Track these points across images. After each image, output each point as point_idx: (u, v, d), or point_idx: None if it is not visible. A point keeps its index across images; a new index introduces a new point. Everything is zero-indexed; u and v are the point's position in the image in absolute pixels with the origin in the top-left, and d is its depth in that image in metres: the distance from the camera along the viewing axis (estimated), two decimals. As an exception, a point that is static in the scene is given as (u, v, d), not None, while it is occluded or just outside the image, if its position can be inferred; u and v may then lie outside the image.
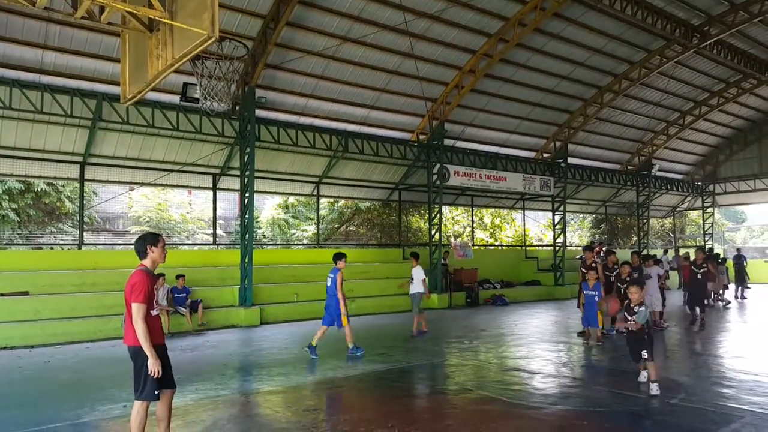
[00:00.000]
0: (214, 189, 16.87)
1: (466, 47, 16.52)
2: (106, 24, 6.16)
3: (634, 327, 6.57)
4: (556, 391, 7.01)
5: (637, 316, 6.56)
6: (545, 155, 22.38)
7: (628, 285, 7.63)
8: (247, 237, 14.05)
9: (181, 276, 12.77)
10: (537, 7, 15.47)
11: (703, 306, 12.97)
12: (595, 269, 10.74)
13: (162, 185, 17.55)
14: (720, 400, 6.32)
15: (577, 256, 20.79)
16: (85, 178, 14.42)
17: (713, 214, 30.79)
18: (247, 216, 14.28)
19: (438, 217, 18.44)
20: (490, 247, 27.49)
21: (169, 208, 24.43)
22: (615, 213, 30.66)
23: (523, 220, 26.82)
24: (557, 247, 22.16)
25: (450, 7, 14.77)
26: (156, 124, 13.37)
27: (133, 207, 24.04)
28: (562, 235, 22.29)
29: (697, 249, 14.70)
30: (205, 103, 8.69)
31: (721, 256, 20.81)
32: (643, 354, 6.56)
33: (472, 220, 25.04)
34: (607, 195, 27.82)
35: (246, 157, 14.16)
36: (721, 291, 17.62)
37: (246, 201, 14.27)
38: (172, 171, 15.36)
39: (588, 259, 11.30)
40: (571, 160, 22.41)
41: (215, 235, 18.00)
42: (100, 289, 12.67)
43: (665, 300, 12.86)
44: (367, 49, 15.29)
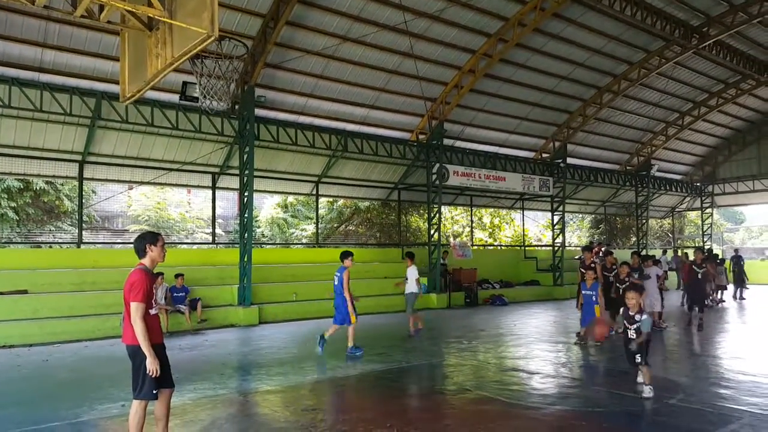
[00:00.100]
0: (214, 188, 16.85)
1: (466, 47, 16.52)
2: (106, 23, 6.16)
3: (637, 340, 6.36)
4: (555, 391, 7.01)
5: (641, 325, 6.37)
6: (544, 155, 22.39)
7: (625, 289, 7.53)
8: (246, 236, 14.06)
9: (180, 275, 12.77)
10: (537, 8, 15.48)
11: (703, 306, 12.98)
12: (594, 269, 10.75)
13: (161, 184, 17.51)
14: (718, 401, 6.33)
15: (576, 257, 20.82)
16: (84, 176, 14.39)
17: (712, 215, 30.81)
18: (246, 215, 14.28)
19: (437, 216, 18.45)
20: (489, 247, 27.49)
21: (169, 207, 24.39)
22: (614, 213, 30.69)
23: (522, 220, 26.84)
24: (556, 248, 22.17)
25: (449, 6, 14.77)
26: (155, 122, 13.36)
27: (132, 206, 23.98)
28: (561, 236, 22.30)
29: (695, 249, 14.72)
30: (204, 102, 8.67)
31: (720, 257, 20.83)
32: (636, 358, 6.48)
33: (471, 220, 25.06)
34: (606, 195, 27.85)
35: (245, 156, 14.16)
36: (719, 292, 17.66)
37: (245, 200, 14.26)
38: (171, 170, 15.35)
39: (587, 259, 11.28)
40: (570, 161, 22.43)
41: (214, 234, 17.98)
42: (98, 288, 12.66)
43: (663, 300, 12.88)
44: (367, 49, 15.29)
